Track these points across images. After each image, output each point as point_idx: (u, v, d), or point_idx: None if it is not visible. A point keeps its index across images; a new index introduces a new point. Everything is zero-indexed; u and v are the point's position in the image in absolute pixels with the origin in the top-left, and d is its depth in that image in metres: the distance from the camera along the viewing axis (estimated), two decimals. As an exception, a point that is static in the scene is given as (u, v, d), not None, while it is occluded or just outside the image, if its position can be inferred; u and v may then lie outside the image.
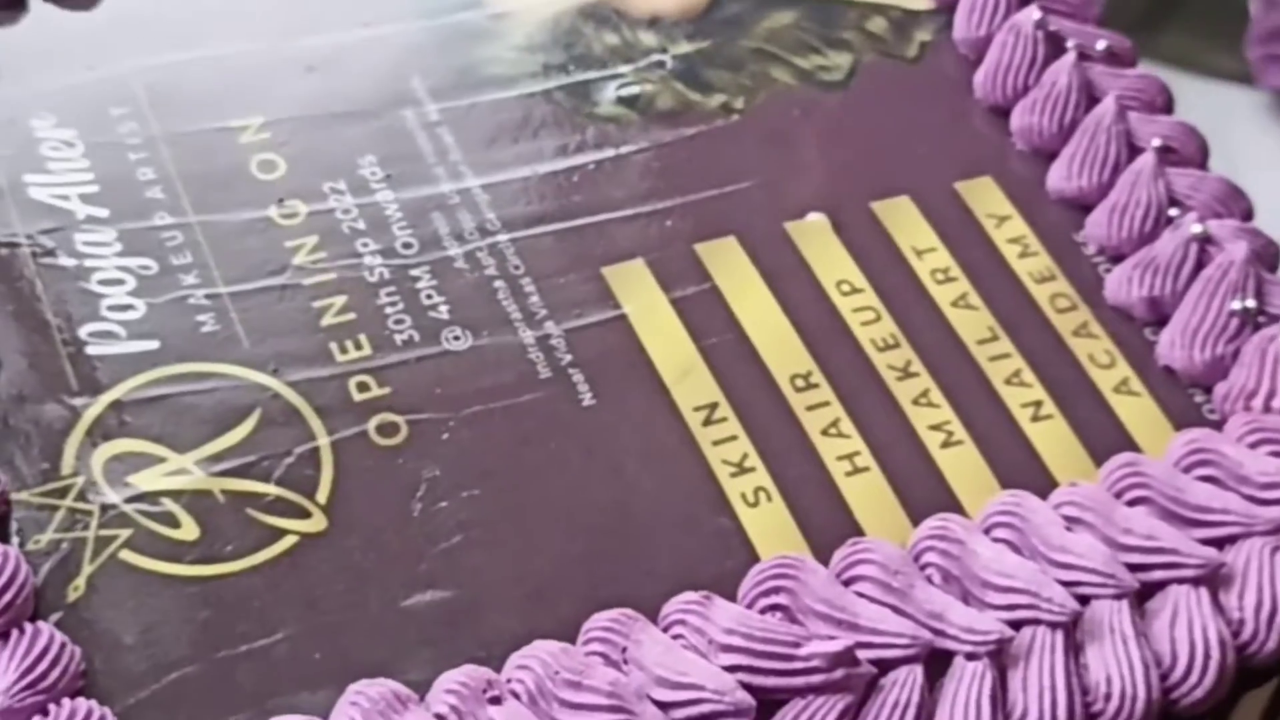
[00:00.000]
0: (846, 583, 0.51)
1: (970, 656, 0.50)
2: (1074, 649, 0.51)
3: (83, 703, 0.47)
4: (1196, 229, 0.60)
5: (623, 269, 0.58)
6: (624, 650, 0.49)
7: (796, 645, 0.49)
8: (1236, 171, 0.65)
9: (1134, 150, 0.62)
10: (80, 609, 0.49)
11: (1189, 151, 0.63)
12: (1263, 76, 0.85)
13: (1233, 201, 0.62)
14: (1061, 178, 0.62)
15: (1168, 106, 0.65)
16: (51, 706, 0.46)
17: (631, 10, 0.66)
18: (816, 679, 0.49)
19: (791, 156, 0.62)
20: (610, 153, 0.62)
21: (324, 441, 0.53)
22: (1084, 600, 0.51)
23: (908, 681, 0.49)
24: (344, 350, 0.55)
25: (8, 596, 0.48)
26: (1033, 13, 0.65)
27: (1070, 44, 0.65)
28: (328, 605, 0.50)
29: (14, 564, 0.49)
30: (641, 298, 0.58)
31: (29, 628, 0.48)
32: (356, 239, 0.58)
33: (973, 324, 0.59)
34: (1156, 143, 0.62)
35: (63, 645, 0.48)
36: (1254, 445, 0.56)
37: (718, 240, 0.59)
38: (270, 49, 0.63)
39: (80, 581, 0.50)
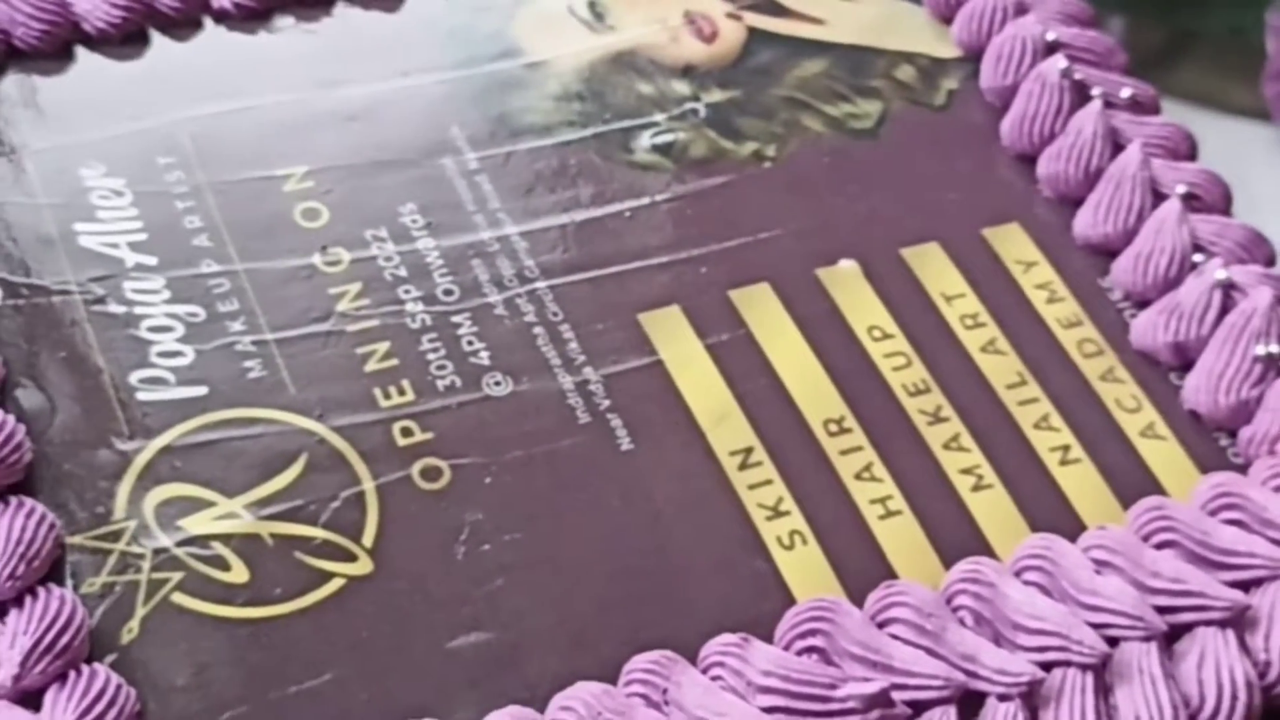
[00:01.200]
0: (881, 625, 0.52)
1: (1003, 697, 0.51)
2: (1104, 690, 0.52)
3: (139, 744, 0.48)
4: (1220, 275, 0.61)
5: (659, 315, 0.60)
6: (664, 691, 0.50)
7: (833, 687, 0.50)
8: (1254, 207, 0.66)
9: (1158, 197, 0.64)
10: (134, 651, 0.50)
11: (1213, 198, 0.64)
12: (1279, 113, 0.86)
13: (1256, 248, 0.63)
14: (1087, 224, 0.64)
15: (1191, 154, 0.66)
16: (108, 747, 0.48)
17: (664, 59, 0.68)
18: (853, 720, 0.50)
19: (823, 203, 0.64)
20: (645, 200, 0.63)
21: (369, 486, 0.55)
22: (1113, 642, 0.52)
23: (942, 722, 0.51)
24: (387, 396, 0.57)
25: (65, 639, 0.49)
26: (1058, 61, 0.66)
27: (1095, 92, 0.66)
28: (374, 647, 0.51)
29: (71, 607, 0.50)
30: (677, 344, 0.59)
31: (85, 670, 0.49)
32: (398, 286, 0.59)
33: (1002, 369, 0.60)
34: (1181, 190, 0.63)
35: (119, 687, 0.49)
36: (1278, 489, 0.57)
37: (751, 287, 0.61)
38: (312, 99, 0.64)
39: (134, 624, 0.51)
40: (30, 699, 0.49)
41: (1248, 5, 0.97)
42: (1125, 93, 0.66)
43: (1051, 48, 0.67)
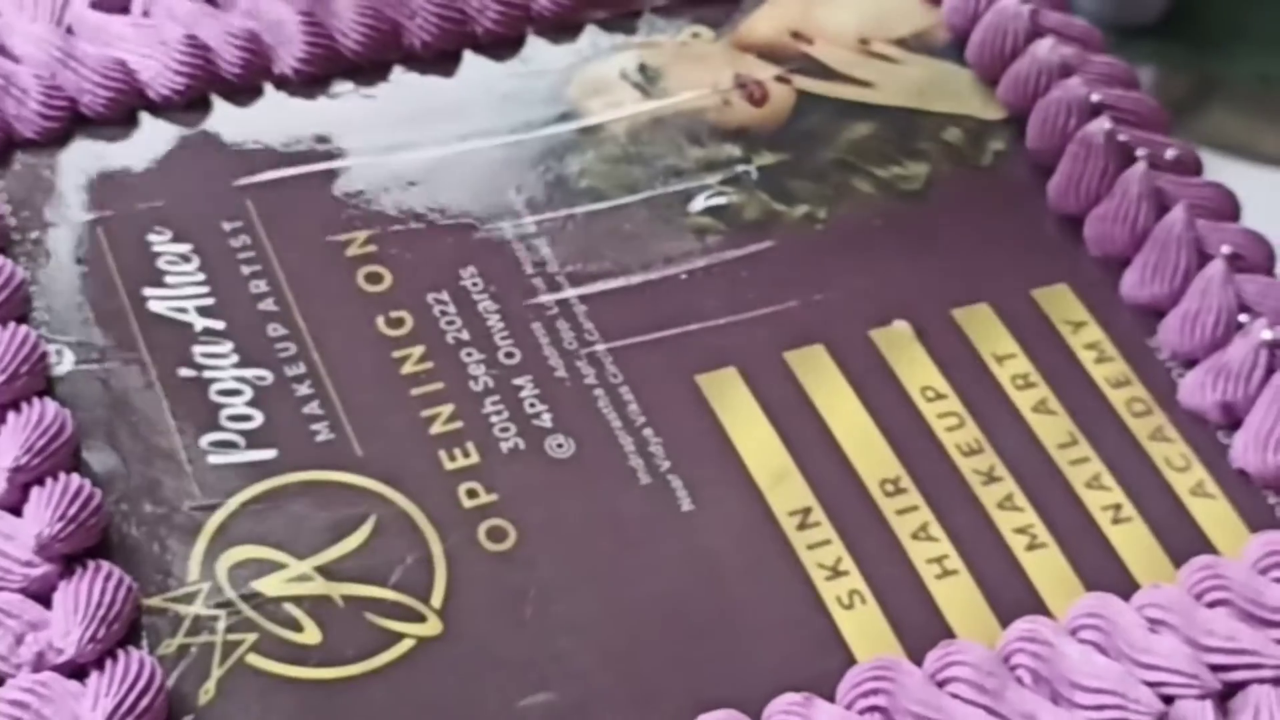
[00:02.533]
0: (940, 684, 0.53)
1: (1063, 756, 0.52)
2: (1161, 749, 0.53)
3: (219, 804, 0.49)
4: (1267, 335, 0.62)
5: (716, 377, 0.61)
6: (731, 751, 0.52)
7: (897, 746, 0.51)
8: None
9: (1204, 257, 0.65)
10: (211, 712, 0.51)
11: (1257, 258, 0.65)
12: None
13: (1301, 308, 0.64)
14: (1134, 285, 0.65)
15: (1234, 214, 0.67)
16: (190, 808, 0.49)
17: (716, 122, 0.69)
18: (916, 779, 0.51)
19: (874, 265, 0.65)
20: (701, 263, 0.64)
21: (437, 548, 0.56)
22: (1169, 700, 0.53)
23: (1003, 782, 0.51)
24: (453, 458, 0.58)
25: (145, 700, 0.50)
26: (1103, 123, 0.67)
27: (1140, 153, 0.67)
28: (445, 707, 0.52)
29: (150, 669, 0.51)
30: (735, 405, 0.60)
31: (165, 731, 0.50)
32: (461, 349, 0.61)
33: (1053, 429, 0.61)
34: (1226, 250, 0.64)
35: (198, 748, 0.50)
36: (1329, 548, 0.58)
37: (806, 348, 0.62)
38: (372, 164, 0.65)
39: (210, 685, 0.52)
40: (112, 760, 0.50)
41: (1276, 53, 0.98)
42: (1170, 154, 0.67)
43: (1096, 109, 0.68)
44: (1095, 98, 0.68)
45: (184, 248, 0.62)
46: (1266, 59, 0.99)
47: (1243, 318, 0.63)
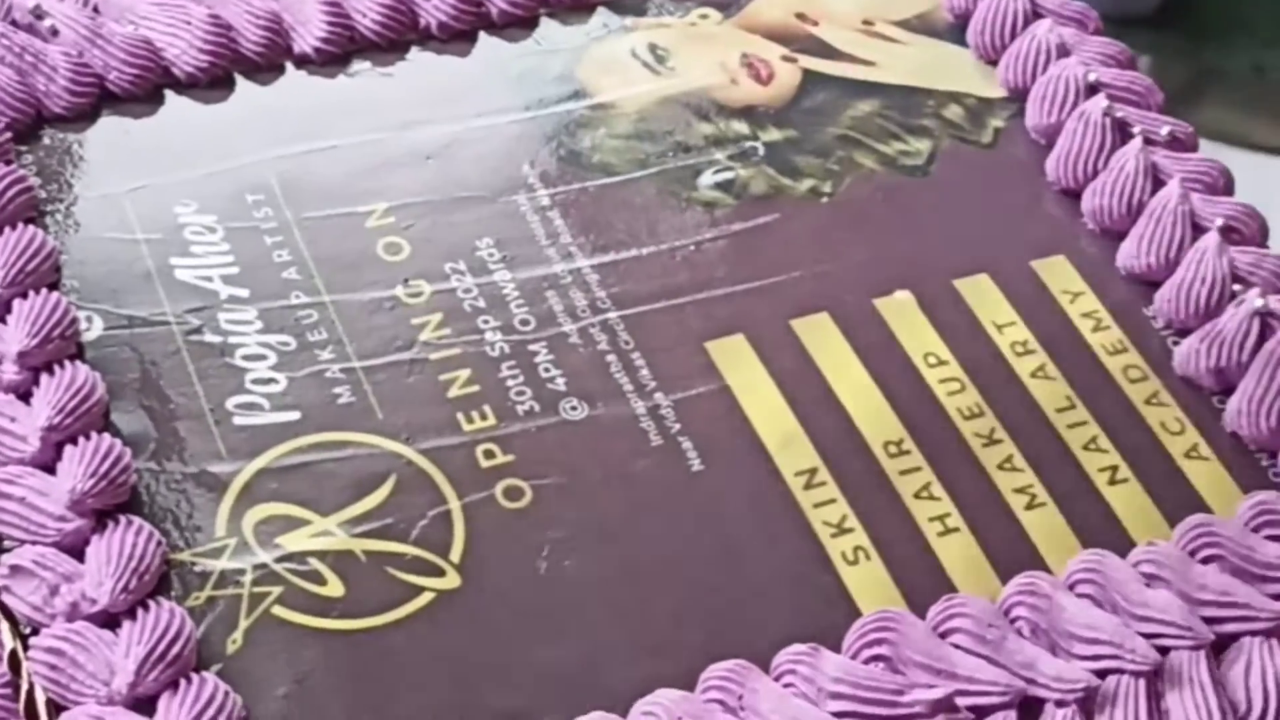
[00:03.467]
0: (943, 635, 0.55)
1: (1060, 704, 0.54)
2: (1156, 697, 0.54)
3: (248, 748, 0.51)
4: (1259, 304, 0.64)
5: (725, 343, 0.63)
6: (740, 698, 0.53)
7: (900, 693, 0.53)
8: (1280, 239, 0.69)
9: (1198, 230, 0.67)
10: (238, 661, 0.53)
11: (1250, 231, 0.67)
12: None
13: (1293, 278, 0.66)
14: (1131, 256, 0.67)
15: (1228, 188, 0.69)
16: (219, 749, 0.51)
17: (724, 101, 0.71)
18: (919, 724, 0.53)
19: (877, 237, 0.67)
20: (709, 234, 0.66)
21: (455, 505, 0.57)
22: (1164, 651, 0.55)
23: (1003, 727, 0.53)
24: (470, 420, 0.60)
25: (175, 649, 0.52)
26: (1100, 101, 0.69)
27: (1136, 130, 0.69)
28: (464, 657, 0.54)
29: (180, 619, 0.53)
30: (743, 371, 0.62)
31: (195, 678, 0.52)
32: (478, 316, 0.63)
33: (1051, 394, 0.63)
34: (1219, 223, 0.66)
35: (226, 693, 0.52)
36: (1319, 507, 0.60)
37: (812, 316, 0.64)
38: (392, 139, 0.67)
39: (237, 635, 0.54)
40: (143, 706, 0.52)
41: (1270, 44, 1.00)
42: (1165, 131, 0.69)
43: (1093, 88, 0.70)
44: (1092, 77, 0.70)
45: (209, 219, 0.64)
46: (1261, 50, 1.01)
47: (1236, 288, 0.65)
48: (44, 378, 0.58)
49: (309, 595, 0.55)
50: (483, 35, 0.72)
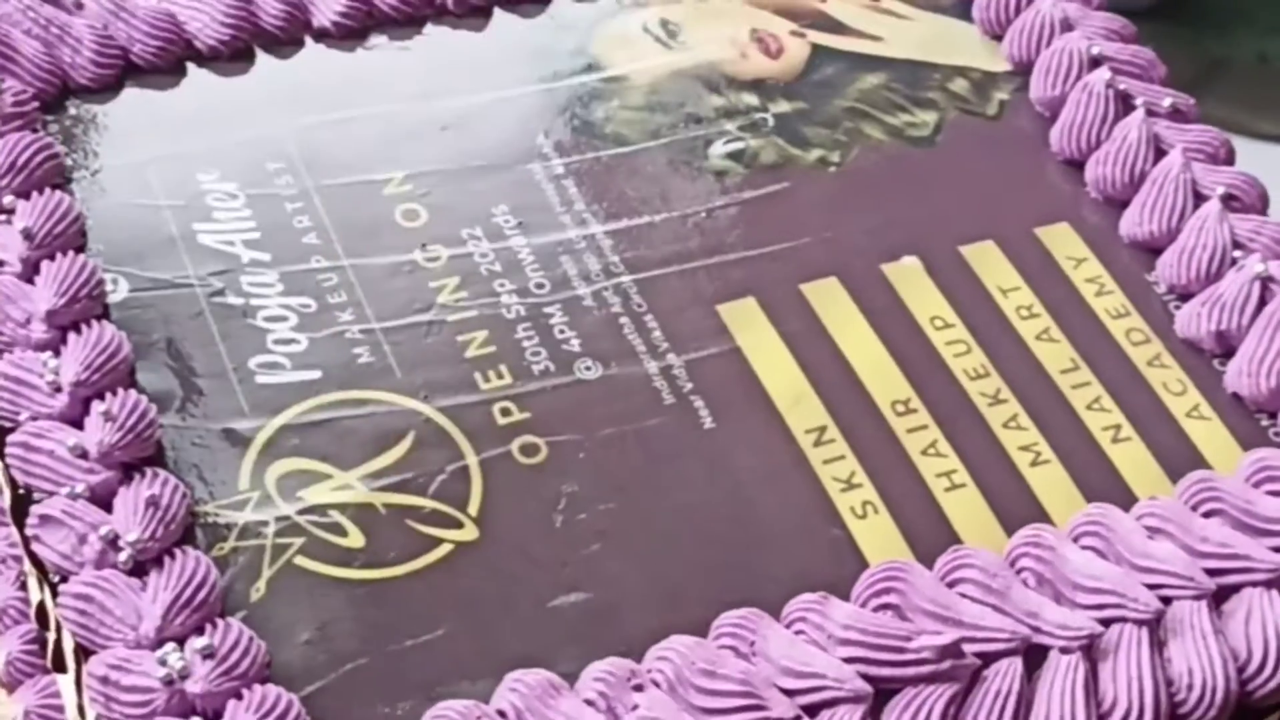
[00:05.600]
0: (950, 585, 0.56)
1: (1064, 650, 0.55)
2: (1158, 645, 0.55)
3: (272, 689, 0.52)
4: (1259, 269, 0.65)
5: (736, 306, 0.64)
6: (752, 644, 0.54)
7: (908, 639, 0.54)
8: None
9: (1199, 198, 0.68)
10: (262, 609, 0.55)
11: (1250, 199, 0.68)
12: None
13: (1292, 244, 0.67)
14: (1133, 223, 0.68)
15: (1229, 158, 0.70)
16: (244, 691, 0.52)
17: (734, 74, 0.72)
18: (926, 669, 0.54)
19: (885, 205, 0.68)
20: (720, 201, 0.67)
21: (472, 460, 0.59)
22: (1166, 601, 0.56)
23: (1009, 672, 0.54)
24: (487, 379, 0.61)
25: (201, 595, 0.54)
26: (1103, 73, 0.70)
27: (1138, 102, 0.70)
28: (482, 605, 0.55)
29: (205, 567, 0.54)
30: (754, 332, 0.63)
31: (220, 623, 0.53)
32: (494, 280, 0.64)
33: (1055, 355, 0.64)
34: (1220, 191, 0.67)
35: (250, 638, 0.53)
36: (1318, 463, 0.61)
37: (821, 281, 0.65)
38: (409, 110, 0.69)
39: (261, 584, 0.55)
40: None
41: (1274, 32, 1.01)
42: (1166, 102, 0.71)
43: (1096, 61, 0.71)
44: (1095, 50, 0.72)
45: (231, 186, 0.65)
46: (1264, 39, 1.02)
47: (1236, 254, 0.66)
48: (71, 336, 0.59)
49: (330, 546, 0.56)
50: (498, 11, 0.73)
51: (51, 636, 0.58)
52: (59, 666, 0.58)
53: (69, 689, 0.58)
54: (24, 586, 0.66)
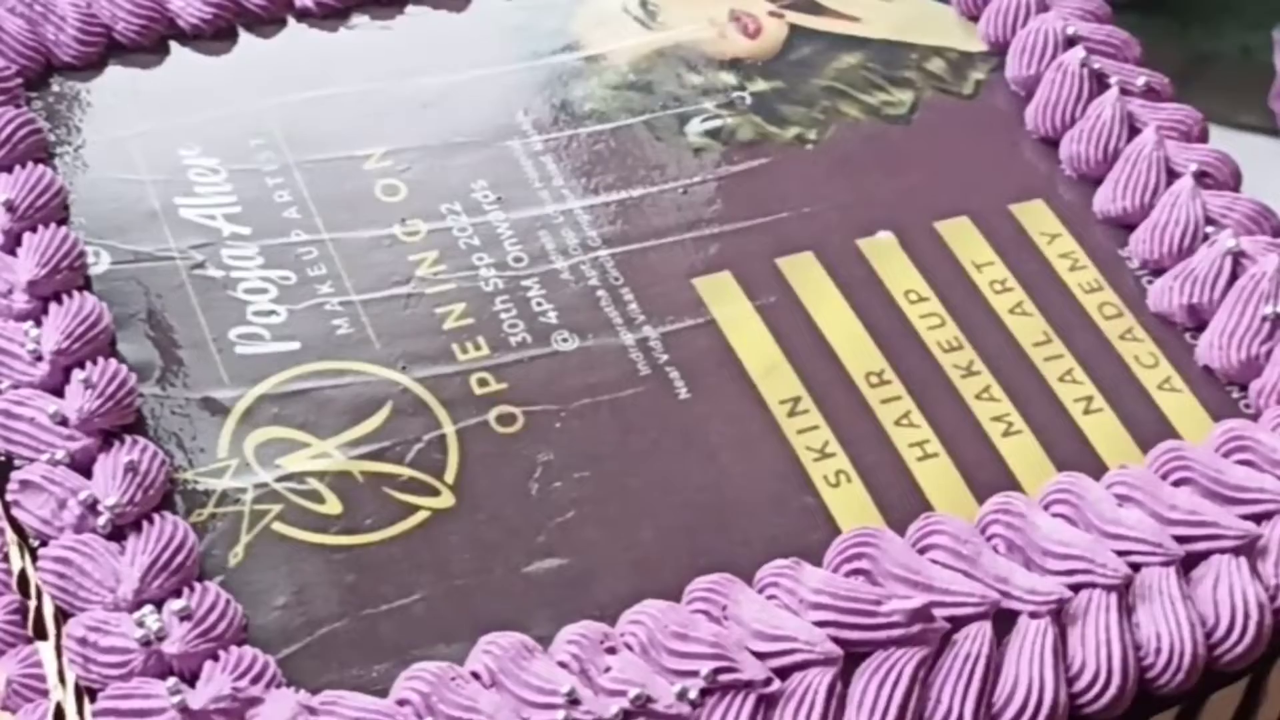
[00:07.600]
0: (921, 551, 0.57)
1: (1033, 615, 0.55)
2: (1127, 610, 0.56)
3: (248, 650, 0.53)
4: (1231, 244, 0.65)
5: (712, 280, 0.65)
6: (724, 608, 0.55)
7: (878, 603, 0.55)
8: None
9: (1172, 175, 0.68)
10: (239, 573, 0.55)
11: (1223, 176, 0.69)
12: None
13: (1263, 220, 0.67)
14: (1107, 200, 0.69)
15: (1203, 136, 0.71)
16: (221, 653, 0.52)
17: (712, 53, 0.73)
18: (896, 633, 0.54)
19: (861, 181, 0.69)
20: (698, 178, 0.68)
21: (449, 430, 0.59)
22: (1135, 568, 0.57)
23: (978, 636, 0.55)
24: (464, 350, 0.62)
25: (179, 559, 0.54)
26: (1078, 53, 0.71)
27: (1112, 80, 0.71)
28: (458, 571, 0.56)
29: (183, 531, 0.55)
30: (729, 305, 0.64)
31: (198, 587, 0.54)
32: (472, 254, 0.65)
33: (1028, 329, 0.64)
34: (1193, 168, 0.68)
35: (227, 601, 0.54)
36: (1287, 433, 0.61)
37: (797, 255, 0.66)
38: (389, 88, 0.70)
39: (239, 549, 0.56)
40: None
41: (1258, 26, 1.02)
42: (1140, 81, 0.71)
43: (1071, 41, 0.72)
44: (1070, 30, 0.72)
45: (212, 161, 0.66)
46: (1248, 32, 1.03)
47: (1208, 229, 0.67)
48: (53, 306, 0.60)
49: (308, 513, 0.57)
50: (479, -9, 0.74)
51: (33, 604, 0.58)
52: (40, 634, 0.58)
53: (49, 656, 0.58)
54: (6, 558, 0.66)
